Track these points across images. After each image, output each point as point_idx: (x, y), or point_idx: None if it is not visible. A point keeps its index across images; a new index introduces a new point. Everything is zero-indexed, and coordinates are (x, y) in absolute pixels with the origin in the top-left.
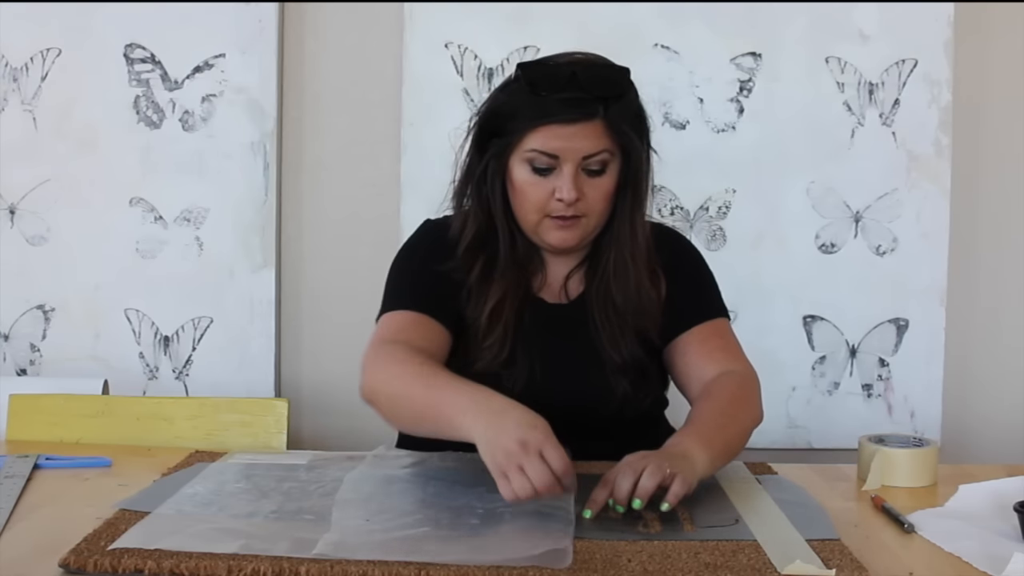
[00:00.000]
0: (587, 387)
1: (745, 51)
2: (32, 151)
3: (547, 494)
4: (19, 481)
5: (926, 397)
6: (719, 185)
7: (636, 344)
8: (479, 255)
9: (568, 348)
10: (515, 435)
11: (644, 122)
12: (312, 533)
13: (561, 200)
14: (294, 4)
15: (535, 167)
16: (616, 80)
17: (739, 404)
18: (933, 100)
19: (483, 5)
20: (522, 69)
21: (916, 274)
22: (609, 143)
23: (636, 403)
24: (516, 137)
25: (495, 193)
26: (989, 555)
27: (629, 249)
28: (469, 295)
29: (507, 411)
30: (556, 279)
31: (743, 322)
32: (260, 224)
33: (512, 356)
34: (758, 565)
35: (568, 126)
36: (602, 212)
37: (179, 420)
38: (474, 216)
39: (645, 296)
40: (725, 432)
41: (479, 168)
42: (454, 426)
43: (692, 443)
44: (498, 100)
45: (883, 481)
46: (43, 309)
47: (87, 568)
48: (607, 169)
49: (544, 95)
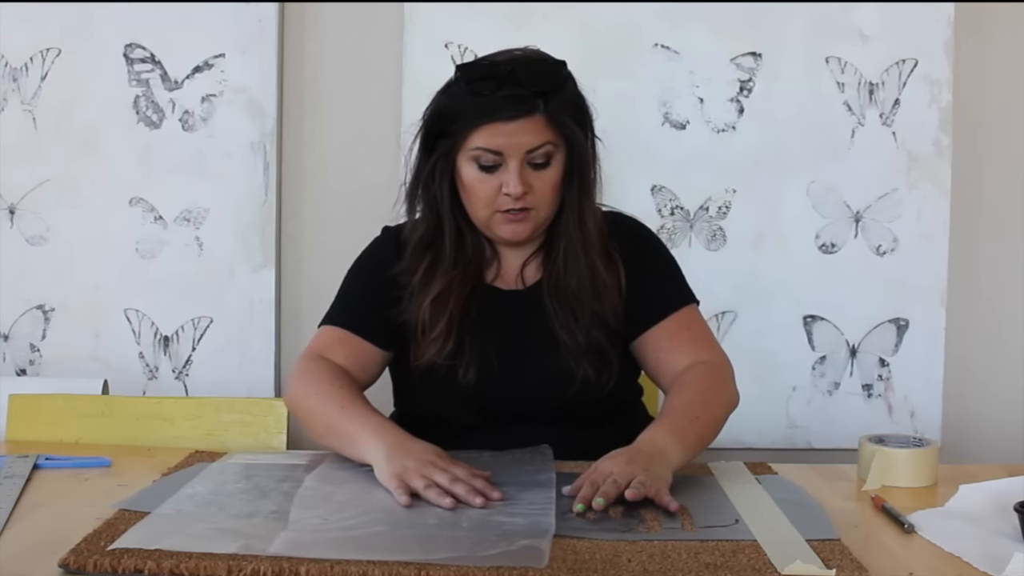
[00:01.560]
0: (546, 371)
1: (745, 51)
2: (32, 151)
3: (463, 492)
4: (19, 481)
5: (926, 397)
6: (719, 185)
7: (595, 328)
8: (426, 255)
9: (525, 334)
10: (414, 458)
11: (585, 112)
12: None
13: (509, 195)
14: (294, 4)
15: (481, 165)
16: (553, 74)
17: (712, 393)
18: (933, 100)
19: (483, 5)
20: (462, 70)
21: (916, 274)
22: (551, 135)
23: (598, 387)
24: (461, 137)
25: (443, 193)
26: (989, 555)
27: (579, 235)
28: (412, 294)
29: (409, 442)
30: (512, 268)
31: (743, 322)
32: (260, 224)
33: (459, 346)
34: (758, 565)
35: (509, 123)
36: (551, 203)
37: (179, 420)
38: (423, 217)
39: (600, 280)
40: (699, 423)
41: (427, 169)
42: (358, 446)
43: (665, 437)
44: (441, 102)
45: (883, 481)
46: (43, 309)
47: (87, 568)
48: (552, 161)
49: (484, 94)
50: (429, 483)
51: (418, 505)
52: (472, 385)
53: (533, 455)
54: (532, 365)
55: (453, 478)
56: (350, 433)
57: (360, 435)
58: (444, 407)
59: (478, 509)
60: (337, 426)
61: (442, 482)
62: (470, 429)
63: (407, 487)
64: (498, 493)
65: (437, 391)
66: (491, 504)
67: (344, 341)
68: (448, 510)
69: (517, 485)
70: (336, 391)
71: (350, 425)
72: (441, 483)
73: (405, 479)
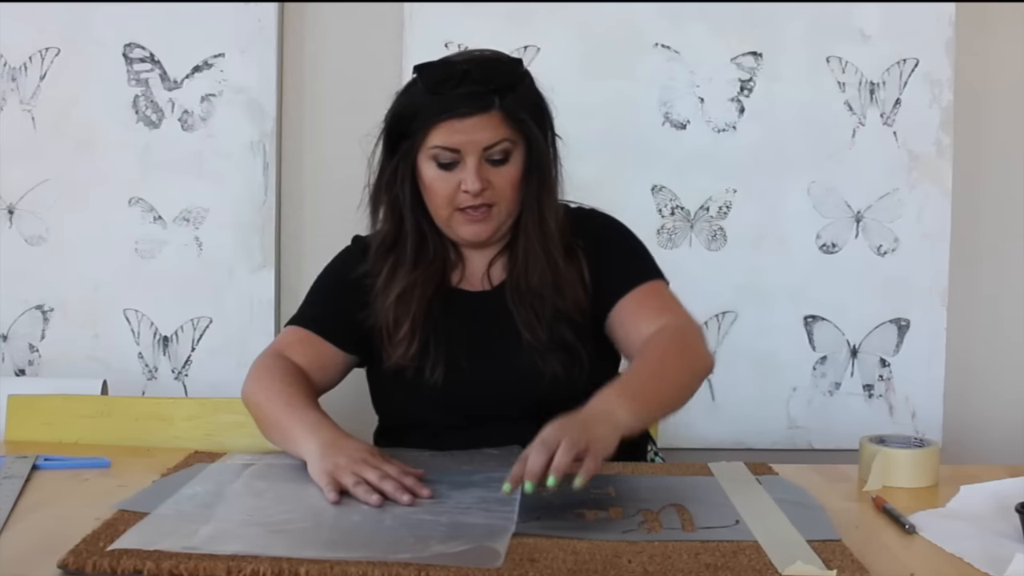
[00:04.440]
0: (514, 371)
1: (746, 51)
2: (31, 151)
3: (392, 490)
4: (18, 482)
5: (927, 397)
6: (719, 185)
7: (560, 324)
8: (389, 257)
9: (491, 335)
10: (346, 455)
11: (544, 110)
12: (311, 533)
13: (467, 192)
14: (294, 4)
15: (440, 163)
16: (509, 71)
17: (674, 353)
18: (934, 100)
19: (483, 5)
20: (419, 71)
21: (917, 274)
22: (508, 132)
23: (568, 383)
24: (420, 137)
25: (405, 194)
26: (990, 556)
27: (540, 233)
28: (376, 297)
29: (343, 440)
30: (477, 270)
31: (743, 322)
32: (260, 224)
33: (425, 348)
34: (759, 566)
35: (466, 119)
36: (511, 200)
37: (178, 420)
38: (385, 219)
39: (561, 276)
40: (656, 381)
41: (388, 171)
42: (296, 443)
43: (613, 398)
44: (400, 103)
45: (884, 482)
46: (42, 309)
47: (86, 569)
48: (511, 158)
49: (441, 93)
50: (359, 480)
51: (346, 503)
52: (440, 387)
53: (503, 455)
54: (500, 365)
55: (383, 475)
56: (289, 429)
57: (297, 431)
58: (416, 410)
59: (405, 507)
60: (279, 422)
61: (371, 479)
62: (449, 430)
63: (337, 484)
64: (427, 491)
65: (408, 394)
66: (417, 503)
67: (305, 341)
68: (375, 507)
69: (480, 486)
70: (284, 388)
71: (290, 421)
72: (371, 480)
73: (336, 476)
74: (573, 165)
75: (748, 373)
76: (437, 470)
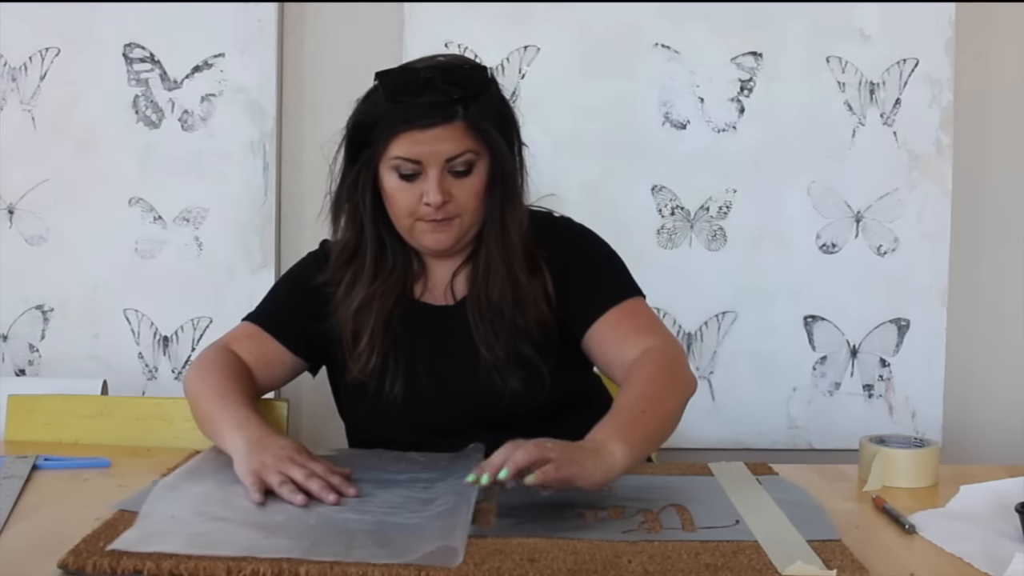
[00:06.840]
0: (472, 388)
1: (746, 51)
2: (31, 151)
3: (317, 489)
4: (18, 482)
5: (927, 397)
6: (719, 185)
7: (520, 341)
8: (349, 267)
9: (451, 350)
10: (272, 453)
11: (509, 119)
12: (311, 534)
13: (429, 204)
14: (294, 4)
15: (401, 174)
16: (472, 79)
17: (661, 383)
18: (934, 100)
19: (483, 5)
20: (380, 78)
21: (917, 274)
22: (472, 143)
23: (529, 400)
24: (381, 146)
25: (365, 203)
26: (990, 556)
27: (501, 247)
28: (337, 307)
29: (270, 438)
30: (440, 282)
31: (743, 322)
32: (259, 224)
33: (385, 362)
34: (759, 566)
35: (428, 130)
36: (475, 211)
37: (178, 420)
38: (346, 227)
39: (522, 291)
40: (647, 417)
41: (349, 179)
42: (223, 438)
43: (608, 436)
44: (361, 111)
45: (884, 482)
46: (42, 309)
47: (86, 569)
48: (474, 169)
49: (403, 102)
50: (284, 479)
51: (271, 501)
52: (400, 402)
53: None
54: (459, 382)
55: (309, 473)
56: (219, 424)
57: (225, 427)
58: (380, 426)
59: (330, 506)
60: (210, 415)
61: (297, 478)
62: (417, 448)
63: (262, 483)
64: (353, 490)
65: (370, 408)
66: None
67: (253, 336)
68: (300, 506)
69: (405, 486)
70: (222, 380)
71: (220, 415)
72: (296, 479)
73: (261, 475)
74: (573, 165)
75: (748, 373)
76: (364, 469)
